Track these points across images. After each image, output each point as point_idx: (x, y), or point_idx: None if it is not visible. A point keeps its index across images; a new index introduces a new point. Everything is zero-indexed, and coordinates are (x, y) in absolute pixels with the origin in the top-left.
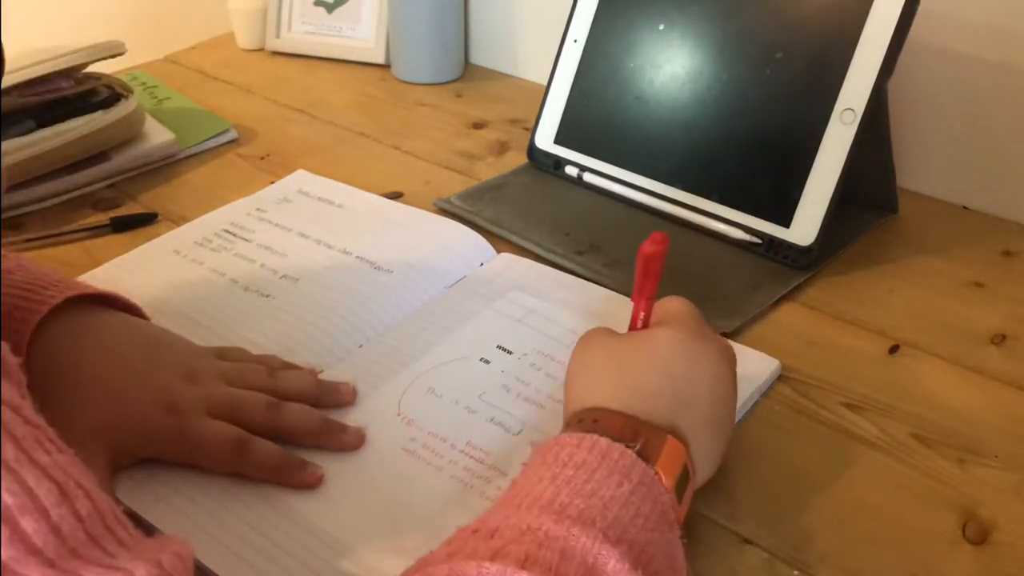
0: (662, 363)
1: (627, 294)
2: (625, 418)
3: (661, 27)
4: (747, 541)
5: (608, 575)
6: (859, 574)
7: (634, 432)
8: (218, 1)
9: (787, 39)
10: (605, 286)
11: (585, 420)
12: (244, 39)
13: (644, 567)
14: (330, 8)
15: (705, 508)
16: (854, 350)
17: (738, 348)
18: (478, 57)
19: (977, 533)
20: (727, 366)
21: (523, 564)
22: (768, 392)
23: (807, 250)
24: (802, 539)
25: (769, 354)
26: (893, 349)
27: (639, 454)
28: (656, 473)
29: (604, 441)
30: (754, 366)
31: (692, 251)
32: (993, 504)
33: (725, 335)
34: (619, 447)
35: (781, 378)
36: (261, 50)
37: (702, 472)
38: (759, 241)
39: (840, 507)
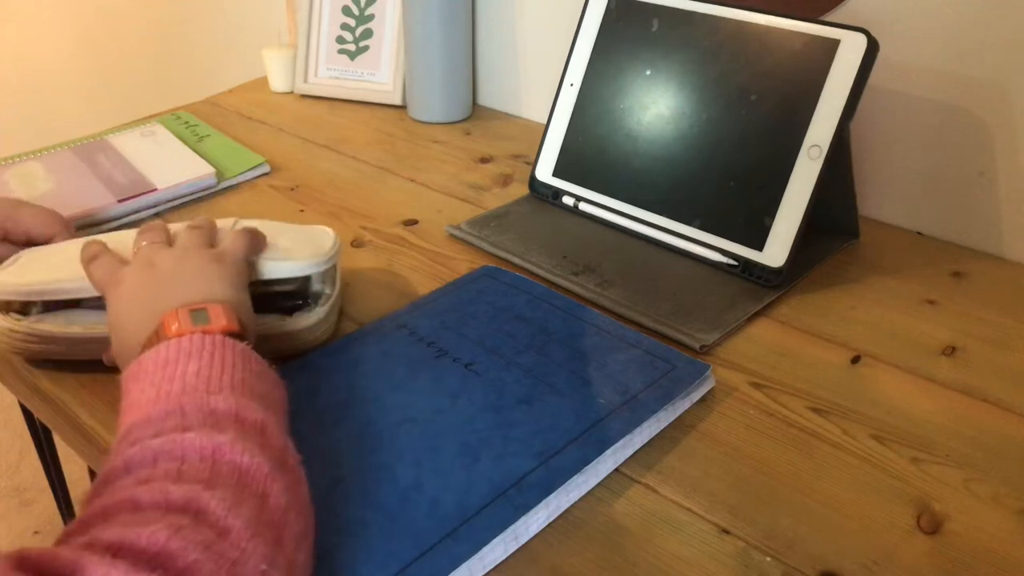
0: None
1: (619, 311)
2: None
3: (648, 73)
4: (725, 531)
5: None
6: (825, 560)
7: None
8: (253, 50)
9: (761, 83)
10: (599, 304)
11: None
12: (276, 83)
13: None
14: (352, 55)
15: (686, 501)
16: (820, 360)
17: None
18: (485, 99)
19: (930, 524)
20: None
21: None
22: (743, 398)
23: (778, 271)
24: (774, 529)
25: (743, 364)
26: (855, 359)
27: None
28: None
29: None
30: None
31: (675, 272)
32: (944, 498)
33: (705, 347)
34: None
35: (755, 385)
36: (291, 93)
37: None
38: (735, 263)
39: (807, 500)
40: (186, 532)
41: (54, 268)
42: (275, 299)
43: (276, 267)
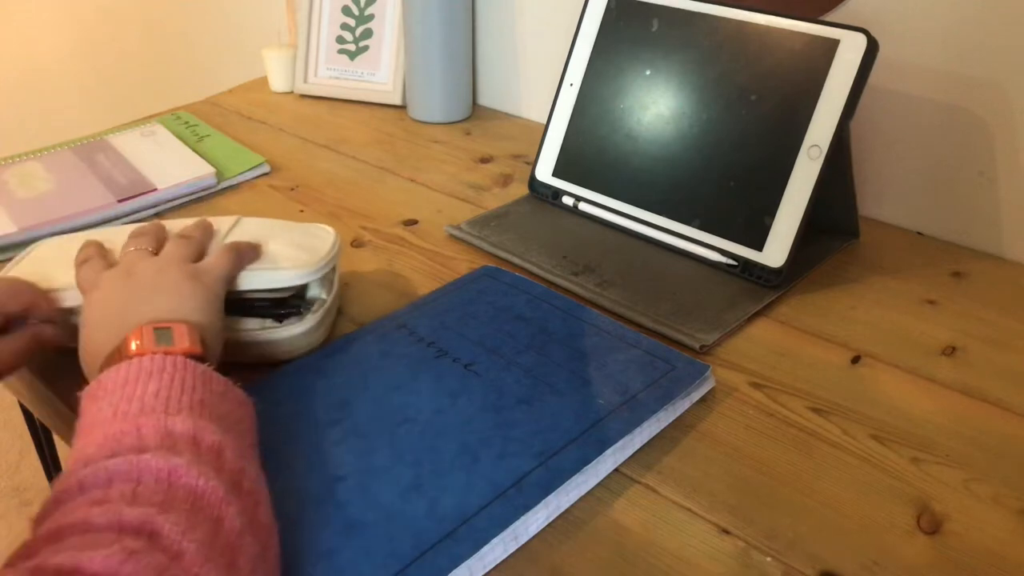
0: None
1: (619, 311)
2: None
3: (648, 72)
4: (725, 531)
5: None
6: (825, 560)
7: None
8: (253, 50)
9: (760, 83)
10: (599, 304)
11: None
12: (276, 83)
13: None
14: (352, 55)
15: (686, 501)
16: (820, 360)
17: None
18: (485, 99)
19: (930, 524)
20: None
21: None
22: (743, 398)
23: (778, 271)
24: (774, 529)
25: (743, 364)
26: (855, 359)
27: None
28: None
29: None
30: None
31: (675, 272)
32: (944, 498)
33: (705, 347)
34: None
35: (755, 385)
36: (291, 93)
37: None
38: (735, 263)
39: (807, 500)
40: (140, 556)
41: (54, 274)
42: (268, 304)
43: (268, 277)
